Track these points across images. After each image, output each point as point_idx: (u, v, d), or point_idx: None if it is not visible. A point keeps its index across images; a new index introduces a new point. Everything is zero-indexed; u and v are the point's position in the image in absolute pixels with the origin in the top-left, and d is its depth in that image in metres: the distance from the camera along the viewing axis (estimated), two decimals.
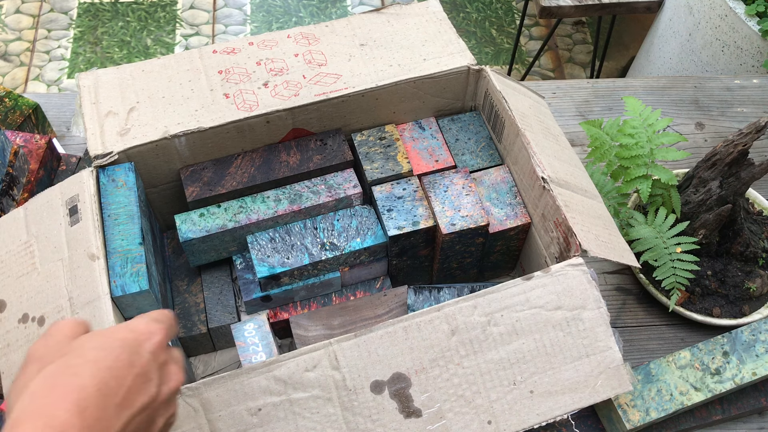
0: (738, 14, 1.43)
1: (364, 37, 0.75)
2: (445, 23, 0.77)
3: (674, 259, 0.77)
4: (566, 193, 0.65)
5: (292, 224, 0.71)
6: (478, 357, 0.57)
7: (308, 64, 0.72)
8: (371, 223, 0.71)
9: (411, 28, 0.77)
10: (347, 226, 0.71)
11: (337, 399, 0.55)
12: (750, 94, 1.07)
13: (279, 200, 0.70)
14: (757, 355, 0.74)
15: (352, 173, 0.73)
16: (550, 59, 2.25)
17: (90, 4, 2.30)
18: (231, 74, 0.72)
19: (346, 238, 0.70)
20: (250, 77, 0.71)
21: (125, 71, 0.72)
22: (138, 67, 0.73)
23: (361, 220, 0.71)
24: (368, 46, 0.74)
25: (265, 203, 0.70)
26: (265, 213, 0.69)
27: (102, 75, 0.72)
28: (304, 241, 0.70)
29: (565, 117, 1.03)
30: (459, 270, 0.77)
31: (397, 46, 0.75)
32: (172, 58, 0.73)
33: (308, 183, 0.72)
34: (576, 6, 1.64)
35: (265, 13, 2.31)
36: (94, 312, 0.58)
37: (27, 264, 0.61)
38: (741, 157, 0.77)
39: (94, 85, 0.71)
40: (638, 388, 0.72)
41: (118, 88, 0.70)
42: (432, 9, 0.79)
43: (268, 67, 0.72)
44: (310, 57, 0.73)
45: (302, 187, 0.71)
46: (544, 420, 0.56)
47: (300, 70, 0.72)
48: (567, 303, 0.59)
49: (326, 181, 0.72)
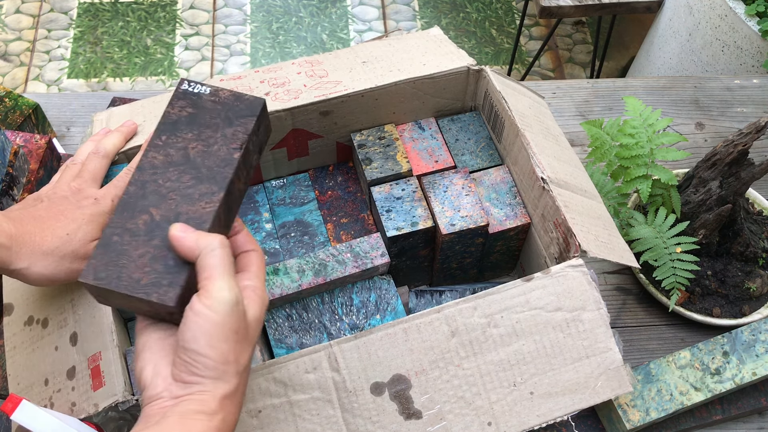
0: (738, 14, 1.43)
1: (365, 57, 0.75)
2: (445, 42, 0.78)
3: (674, 259, 0.77)
4: (566, 193, 0.65)
5: (310, 298, 0.68)
6: (478, 358, 0.57)
7: (309, 77, 0.73)
8: (390, 296, 0.68)
9: (412, 46, 0.77)
10: (366, 300, 0.68)
11: (337, 400, 0.55)
12: (750, 94, 1.07)
13: (303, 271, 0.66)
14: (757, 355, 0.74)
15: (379, 239, 0.69)
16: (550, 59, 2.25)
17: (90, 4, 2.30)
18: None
19: (366, 315, 0.67)
20: (253, 91, 0.71)
21: (137, 104, 0.72)
22: (150, 99, 0.73)
23: (380, 294, 0.68)
24: (369, 62, 0.74)
25: (288, 275, 0.66)
26: (288, 287, 0.66)
27: (115, 111, 0.72)
28: (323, 318, 0.67)
29: (565, 117, 1.03)
30: (459, 270, 0.77)
31: (398, 58, 0.75)
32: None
33: (333, 251, 0.68)
34: (576, 6, 1.64)
35: (265, 13, 2.31)
36: (94, 313, 0.58)
37: None
38: (741, 157, 0.77)
39: (107, 118, 0.71)
40: (638, 388, 0.72)
41: (128, 115, 0.70)
42: (433, 33, 0.79)
43: (270, 83, 0.72)
44: (312, 72, 0.73)
45: (327, 256, 0.67)
46: (544, 421, 0.56)
47: (301, 81, 0.72)
48: (567, 304, 0.59)
49: (352, 248, 0.68)
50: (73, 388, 0.56)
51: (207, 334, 0.44)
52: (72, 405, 0.55)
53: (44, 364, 0.58)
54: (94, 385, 0.55)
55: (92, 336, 0.57)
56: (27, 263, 0.53)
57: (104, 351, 0.56)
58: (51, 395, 0.57)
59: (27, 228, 0.54)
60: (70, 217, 0.56)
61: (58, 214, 0.56)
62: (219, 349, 0.44)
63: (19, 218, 0.55)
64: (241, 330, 0.46)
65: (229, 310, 0.44)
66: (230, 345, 0.45)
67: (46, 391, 0.57)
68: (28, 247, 0.53)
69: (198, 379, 0.44)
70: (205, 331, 0.44)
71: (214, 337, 0.44)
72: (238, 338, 0.45)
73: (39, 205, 0.58)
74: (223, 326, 0.44)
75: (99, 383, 0.55)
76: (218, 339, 0.44)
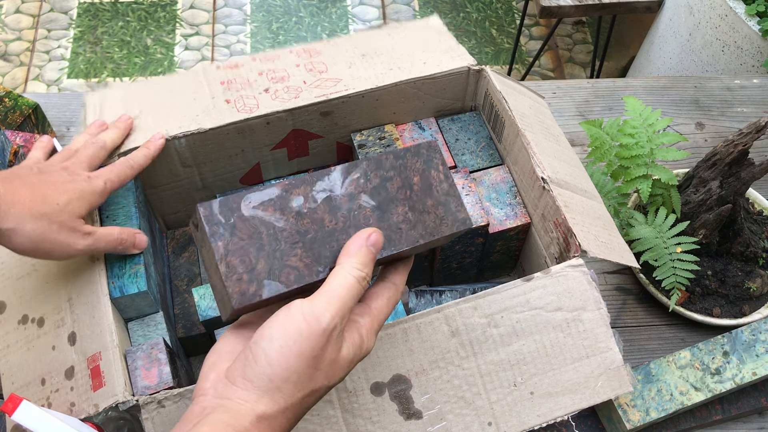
0: (738, 14, 1.43)
1: (364, 48, 0.75)
2: (445, 34, 0.77)
3: (674, 259, 0.77)
4: (566, 193, 0.65)
5: None
6: (478, 358, 0.57)
7: (309, 72, 0.72)
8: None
9: (411, 39, 0.77)
10: None
11: (337, 401, 0.55)
12: (750, 93, 1.07)
13: None
14: (757, 355, 0.74)
15: None
16: (550, 59, 2.25)
17: (90, 4, 2.29)
18: (233, 84, 0.71)
19: None
20: (251, 85, 0.71)
21: (130, 88, 0.72)
22: (143, 84, 0.73)
23: None
24: (369, 55, 0.74)
25: None
26: None
27: (108, 93, 0.72)
28: None
29: (565, 117, 1.03)
30: (459, 270, 0.77)
31: (398, 53, 0.75)
32: (176, 75, 0.73)
33: None
34: (576, 6, 1.64)
35: (265, 13, 2.31)
36: (93, 313, 0.58)
37: (27, 265, 0.61)
38: (741, 157, 0.77)
39: (100, 102, 0.71)
40: (638, 388, 0.72)
41: (122, 102, 0.70)
42: (432, 23, 0.79)
43: (269, 77, 0.72)
44: (311, 66, 0.73)
45: None
46: (544, 421, 0.56)
47: (300, 77, 0.72)
48: (567, 304, 0.59)
49: None
50: (72, 388, 0.56)
51: (284, 337, 0.40)
52: (71, 405, 0.55)
53: (41, 363, 0.58)
54: (94, 386, 0.55)
55: (92, 336, 0.57)
56: (14, 224, 0.51)
57: (104, 351, 0.56)
58: (48, 395, 0.56)
59: (18, 190, 0.53)
60: (61, 189, 0.55)
61: (49, 184, 0.56)
62: (286, 360, 0.40)
63: (9, 180, 0.54)
64: (324, 359, 0.41)
65: (320, 331, 0.40)
66: (301, 364, 0.40)
67: (43, 390, 0.57)
68: (18, 209, 0.52)
69: (246, 384, 0.40)
70: (285, 334, 0.40)
71: (290, 345, 0.40)
72: (314, 363, 0.41)
73: (30, 174, 0.57)
74: (306, 340, 0.40)
75: (99, 383, 0.55)
76: (292, 350, 0.40)
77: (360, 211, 0.47)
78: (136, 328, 0.63)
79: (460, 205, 0.50)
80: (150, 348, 0.58)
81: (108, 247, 0.59)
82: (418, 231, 0.48)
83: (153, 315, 0.64)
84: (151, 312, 0.64)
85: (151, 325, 0.63)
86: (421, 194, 0.49)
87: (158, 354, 0.58)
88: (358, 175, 0.48)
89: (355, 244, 0.44)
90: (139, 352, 0.58)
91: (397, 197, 0.49)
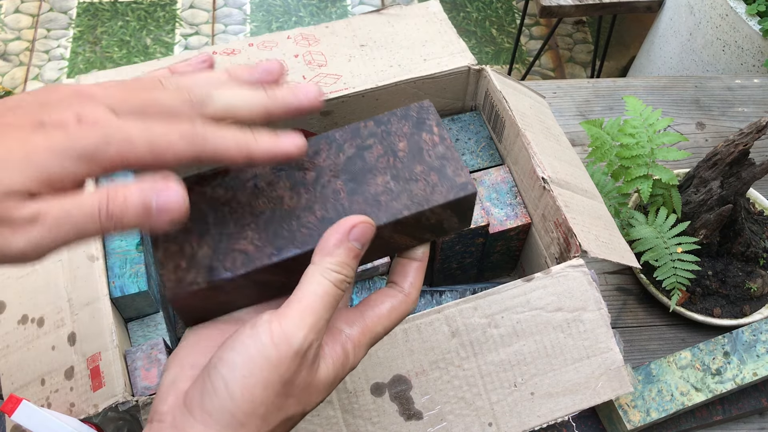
0: (739, 14, 1.42)
1: (364, 38, 0.75)
2: (445, 23, 0.77)
3: (675, 259, 0.77)
4: (566, 193, 0.65)
5: None
6: (478, 359, 0.56)
7: (308, 65, 0.72)
8: None
9: (411, 29, 0.76)
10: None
11: (337, 401, 0.54)
12: (751, 93, 1.07)
13: None
14: (757, 355, 0.74)
15: None
16: (551, 59, 2.25)
17: (89, 4, 2.29)
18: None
19: None
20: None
21: (123, 73, 0.72)
22: (137, 68, 0.72)
23: None
24: (368, 46, 0.74)
25: None
26: None
27: (102, 77, 0.71)
28: None
29: (565, 117, 1.03)
30: (459, 270, 0.77)
31: (398, 46, 0.74)
32: (171, 59, 0.73)
33: None
34: (576, 5, 1.64)
35: (265, 13, 2.31)
36: (93, 313, 0.58)
37: (26, 265, 0.61)
38: (742, 157, 0.77)
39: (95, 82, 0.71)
40: (639, 388, 0.72)
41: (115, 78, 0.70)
42: (432, 9, 0.79)
43: None
44: (310, 57, 0.73)
45: None
46: (545, 422, 0.56)
47: (300, 71, 0.72)
48: (567, 304, 0.58)
49: None
50: (71, 388, 0.56)
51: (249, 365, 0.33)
52: (71, 405, 0.55)
53: (40, 363, 0.58)
54: (94, 386, 0.55)
55: (91, 336, 0.57)
56: None
57: (104, 351, 0.56)
58: (48, 395, 0.56)
59: None
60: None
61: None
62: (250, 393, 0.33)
63: None
64: (296, 384, 0.34)
65: (291, 355, 0.33)
66: (268, 395, 0.33)
67: (43, 391, 0.57)
68: None
69: (205, 418, 0.33)
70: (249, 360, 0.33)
71: (255, 374, 0.33)
72: (284, 391, 0.34)
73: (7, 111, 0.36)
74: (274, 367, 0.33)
75: (99, 384, 0.55)
76: (258, 379, 0.33)
77: (329, 185, 0.40)
78: (136, 329, 0.63)
79: (459, 169, 0.41)
80: (150, 348, 0.58)
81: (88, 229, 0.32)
82: (401, 202, 0.40)
83: (153, 315, 0.64)
84: (151, 312, 0.64)
85: (151, 325, 0.63)
86: (407, 161, 0.41)
87: (158, 354, 0.58)
88: (329, 147, 0.42)
89: (334, 238, 0.36)
90: (139, 352, 0.58)
91: (376, 166, 0.41)
